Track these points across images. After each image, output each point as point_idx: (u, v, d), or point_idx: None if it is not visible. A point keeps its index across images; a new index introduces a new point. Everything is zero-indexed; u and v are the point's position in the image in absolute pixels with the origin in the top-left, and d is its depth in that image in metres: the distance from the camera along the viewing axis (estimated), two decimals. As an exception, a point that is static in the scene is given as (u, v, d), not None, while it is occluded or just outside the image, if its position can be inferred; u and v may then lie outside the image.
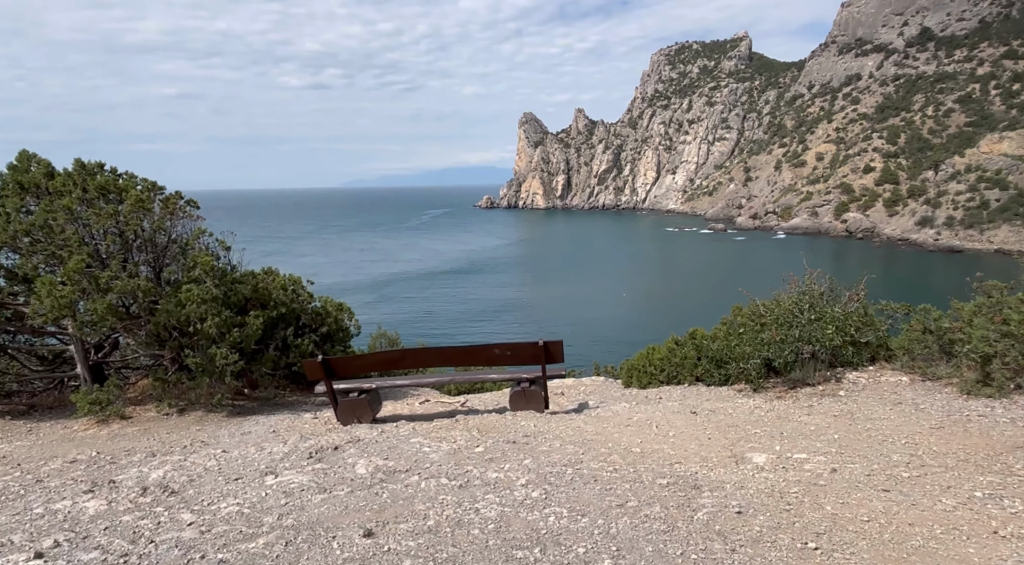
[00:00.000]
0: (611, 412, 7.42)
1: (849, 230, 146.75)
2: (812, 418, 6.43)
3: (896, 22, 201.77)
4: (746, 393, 8.01)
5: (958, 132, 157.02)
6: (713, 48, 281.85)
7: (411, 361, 7.62)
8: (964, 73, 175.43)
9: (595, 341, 60.60)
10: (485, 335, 63.08)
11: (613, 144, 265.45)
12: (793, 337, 7.73)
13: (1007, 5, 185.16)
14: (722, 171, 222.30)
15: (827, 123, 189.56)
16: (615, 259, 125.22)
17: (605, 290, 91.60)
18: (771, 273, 59.49)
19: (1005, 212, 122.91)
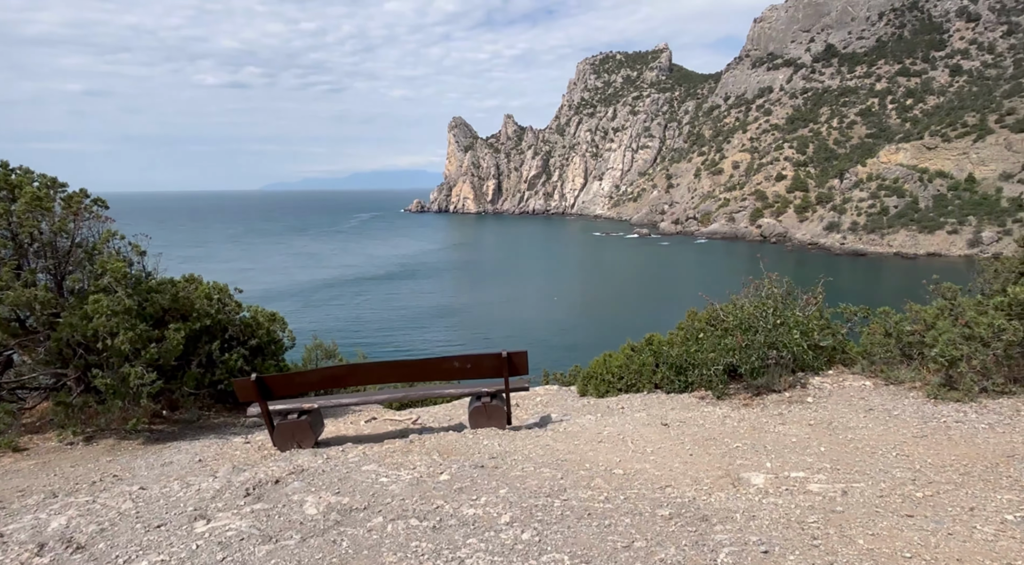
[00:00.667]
0: (578, 426, 7.01)
1: (764, 235, 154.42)
2: (788, 428, 6.22)
3: (803, 38, 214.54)
4: (709, 401, 7.78)
5: (860, 143, 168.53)
6: (635, 59, 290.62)
7: (360, 377, 6.85)
8: (864, 88, 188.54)
9: (530, 345, 60.41)
10: (422, 342, 61.83)
11: (542, 150, 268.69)
12: (759, 342, 7.53)
13: (900, 26, 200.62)
14: (646, 178, 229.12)
15: (742, 133, 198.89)
16: (546, 263, 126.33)
17: (537, 294, 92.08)
18: (695, 277, 62.41)
19: (902, 218, 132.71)
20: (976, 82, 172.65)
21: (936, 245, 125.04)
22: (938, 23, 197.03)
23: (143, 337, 7.56)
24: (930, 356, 6.72)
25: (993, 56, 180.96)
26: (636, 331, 51.27)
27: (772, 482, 4.59)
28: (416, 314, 77.27)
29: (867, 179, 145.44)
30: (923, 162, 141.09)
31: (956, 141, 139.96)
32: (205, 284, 9.26)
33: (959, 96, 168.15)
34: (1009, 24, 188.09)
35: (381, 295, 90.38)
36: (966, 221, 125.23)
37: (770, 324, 7.66)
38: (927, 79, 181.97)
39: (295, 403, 6.88)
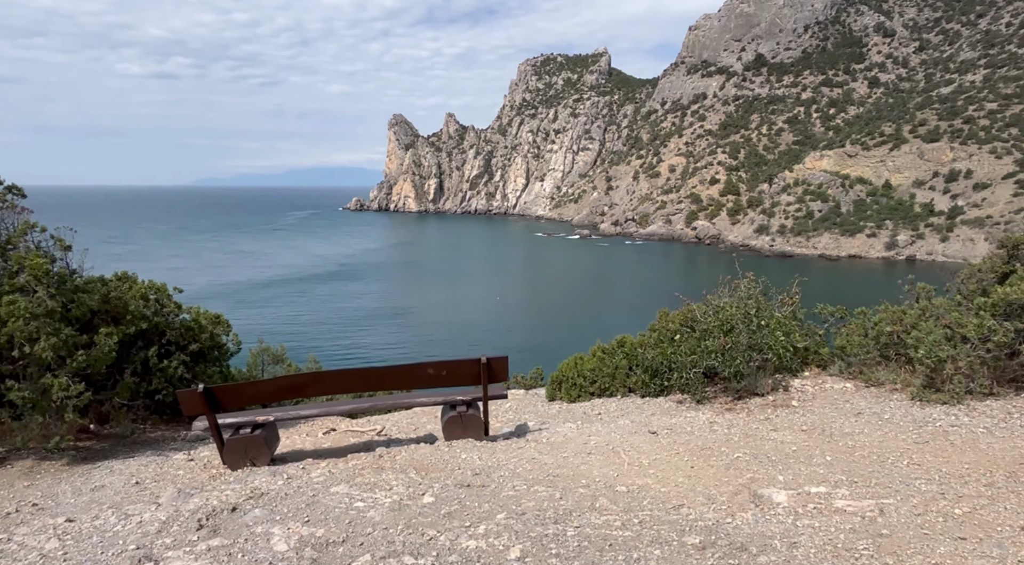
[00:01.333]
0: (560, 436, 6.60)
1: (698, 236, 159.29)
2: (783, 435, 6.01)
3: (735, 47, 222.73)
4: (689, 405, 7.53)
5: (787, 149, 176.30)
6: (576, 62, 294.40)
7: (324, 386, 6.24)
8: (791, 97, 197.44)
9: (475, 345, 60.01)
10: (370, 345, 60.21)
11: (484, 150, 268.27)
12: (742, 344, 7.33)
13: (824, 39, 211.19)
14: (586, 179, 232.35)
15: (678, 137, 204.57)
16: (490, 264, 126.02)
17: (481, 295, 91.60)
18: (634, 277, 62.88)
19: (826, 222, 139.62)
20: (892, 94, 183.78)
21: (857, 247, 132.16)
22: (858, 37, 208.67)
23: (69, 343, 6.64)
24: (916, 357, 6.68)
25: (907, 70, 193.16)
26: (581, 331, 52.32)
27: (795, 499, 4.24)
28: (360, 315, 75.40)
29: (794, 184, 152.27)
30: (845, 169, 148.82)
31: (874, 149, 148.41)
32: (140, 283, 8.30)
33: (877, 107, 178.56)
34: (921, 41, 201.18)
35: (323, 295, 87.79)
36: (883, 225, 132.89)
37: (753, 325, 7.48)
38: (848, 90, 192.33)
39: (248, 416, 6.22)
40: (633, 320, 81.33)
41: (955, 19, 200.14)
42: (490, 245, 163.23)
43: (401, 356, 55.17)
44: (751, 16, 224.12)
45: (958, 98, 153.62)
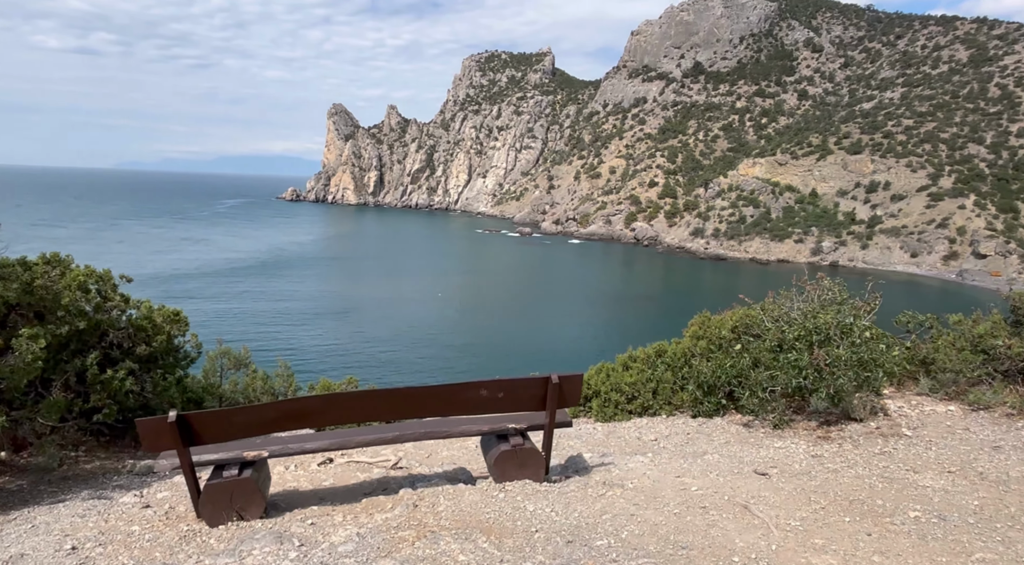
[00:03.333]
0: (641, 476, 5.46)
1: (637, 238, 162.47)
2: (931, 478, 5.11)
3: (675, 54, 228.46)
4: (766, 432, 6.54)
5: (722, 156, 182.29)
6: (520, 60, 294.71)
7: (340, 412, 4.87)
8: (727, 105, 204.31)
9: (418, 343, 58.50)
10: (314, 342, 57.69)
11: (426, 144, 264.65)
12: (847, 359, 6.20)
13: (758, 51, 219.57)
14: (528, 178, 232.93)
15: (619, 140, 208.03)
16: (431, 259, 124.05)
17: (422, 290, 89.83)
18: (576, 276, 62.06)
19: (757, 226, 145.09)
20: (819, 107, 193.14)
21: (785, 252, 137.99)
22: (789, 51, 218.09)
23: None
24: None
25: (833, 85, 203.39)
26: (526, 329, 50.92)
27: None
28: (297, 311, 72.38)
29: (728, 189, 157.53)
30: (775, 176, 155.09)
31: (803, 159, 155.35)
32: (77, 269, 6.67)
33: (805, 118, 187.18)
34: (846, 57, 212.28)
35: (255, 289, 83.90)
36: (810, 231, 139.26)
37: (855, 336, 6.42)
38: (779, 101, 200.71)
39: (233, 450, 4.81)
40: (583, 320, 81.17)
41: (876, 39, 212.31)
42: (432, 240, 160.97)
43: (346, 357, 53.02)
44: (690, 25, 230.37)
45: (878, 113, 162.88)
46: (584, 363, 42.11)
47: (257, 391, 10.57)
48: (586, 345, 62.42)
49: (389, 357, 53.37)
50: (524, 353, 55.10)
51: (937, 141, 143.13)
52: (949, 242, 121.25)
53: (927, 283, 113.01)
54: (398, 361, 52.06)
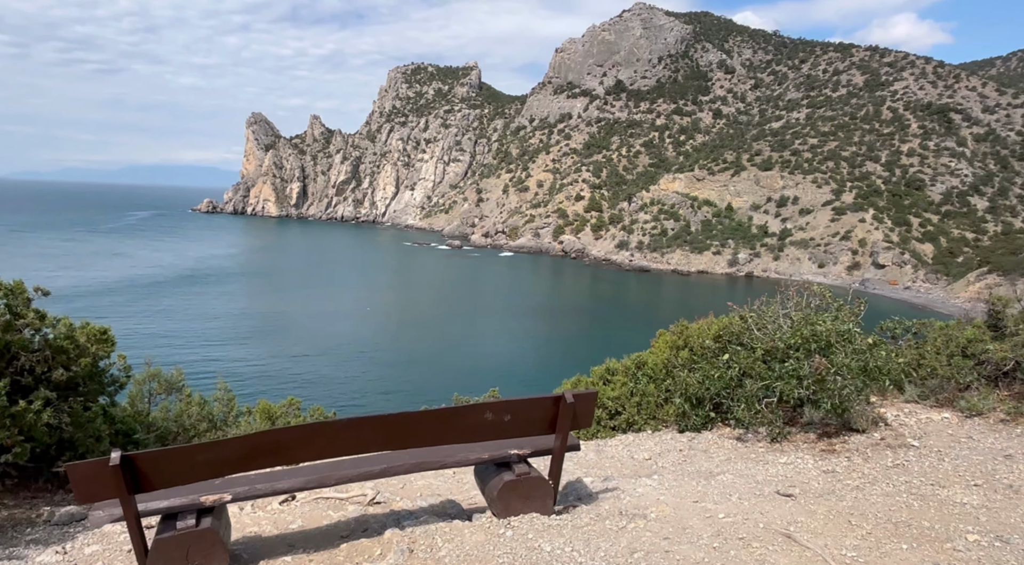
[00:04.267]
0: (659, 504, 4.93)
1: (565, 250, 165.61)
2: (960, 493, 4.88)
3: (597, 72, 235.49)
4: (765, 446, 6.24)
5: (644, 171, 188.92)
6: (447, 73, 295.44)
7: (324, 445, 4.18)
8: (647, 122, 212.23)
9: (349, 360, 57.29)
10: (246, 360, 55.11)
11: (352, 155, 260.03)
12: (850, 368, 5.97)
13: (675, 70, 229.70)
14: (457, 191, 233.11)
15: (545, 154, 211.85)
16: (359, 273, 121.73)
17: (351, 305, 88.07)
18: (507, 288, 62.50)
19: (678, 239, 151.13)
20: (732, 125, 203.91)
21: (704, 264, 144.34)
22: (704, 72, 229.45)
23: None
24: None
25: (744, 104, 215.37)
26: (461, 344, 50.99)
27: None
28: (218, 328, 69.19)
29: (650, 203, 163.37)
30: (694, 191, 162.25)
31: (719, 175, 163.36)
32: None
33: (720, 136, 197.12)
34: (756, 79, 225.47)
35: (169, 306, 79.56)
36: (727, 244, 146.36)
37: (857, 344, 6.19)
38: (696, 119, 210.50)
39: (187, 495, 4.08)
40: (520, 333, 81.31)
41: (783, 62, 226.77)
42: (360, 253, 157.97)
43: (278, 376, 51.15)
44: (612, 44, 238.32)
45: (786, 132, 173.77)
46: (527, 377, 42.93)
47: (193, 418, 9.71)
48: (526, 359, 62.91)
49: (322, 375, 52.02)
50: (463, 369, 54.96)
51: (839, 159, 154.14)
52: (852, 253, 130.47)
53: (834, 292, 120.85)
54: (332, 379, 50.83)
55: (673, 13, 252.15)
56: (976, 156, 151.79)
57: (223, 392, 10.45)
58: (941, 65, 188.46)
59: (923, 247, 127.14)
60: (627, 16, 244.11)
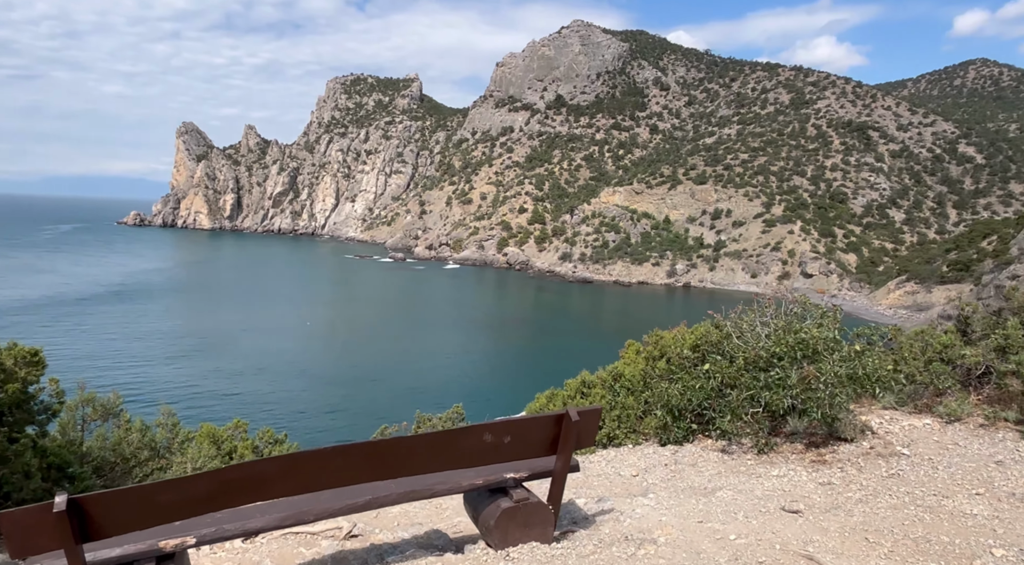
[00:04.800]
0: (661, 526, 4.70)
1: (509, 262, 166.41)
2: (970, 504, 4.81)
3: (538, 87, 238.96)
4: (752, 457, 6.10)
5: (585, 184, 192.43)
6: (387, 85, 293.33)
7: (306, 477, 3.74)
8: (587, 137, 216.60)
9: (289, 378, 55.48)
10: (183, 380, 52.52)
11: (289, 166, 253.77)
12: (839, 376, 5.85)
13: (613, 87, 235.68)
14: (399, 203, 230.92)
15: (488, 167, 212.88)
16: (299, 286, 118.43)
17: (291, 320, 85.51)
18: (453, 300, 62.16)
19: (619, 251, 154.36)
20: (668, 140, 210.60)
21: (644, 274, 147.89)
22: (640, 88, 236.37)
23: None
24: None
25: (679, 121, 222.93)
26: (409, 357, 50.17)
27: None
28: (168, 342, 66.10)
29: (592, 216, 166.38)
30: (633, 204, 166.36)
31: (656, 188, 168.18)
32: None
33: (657, 151, 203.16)
34: (689, 96, 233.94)
35: (109, 324, 75.30)
36: (665, 255, 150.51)
37: (844, 351, 6.12)
38: (633, 134, 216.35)
39: (145, 541, 3.55)
40: (468, 345, 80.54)
41: (714, 81, 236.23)
42: (299, 267, 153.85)
43: (218, 397, 48.98)
44: (551, 59, 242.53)
45: (719, 148, 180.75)
46: (482, 392, 42.47)
47: (133, 445, 9.08)
48: (480, 373, 62.45)
49: (264, 394, 50.17)
50: (415, 385, 54.09)
51: (768, 173, 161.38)
52: (782, 263, 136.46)
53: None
54: (275, 398, 49.07)
55: (610, 31, 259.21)
56: (893, 171, 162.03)
57: (167, 416, 9.72)
58: (859, 85, 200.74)
59: (847, 257, 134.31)
60: (566, 33, 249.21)
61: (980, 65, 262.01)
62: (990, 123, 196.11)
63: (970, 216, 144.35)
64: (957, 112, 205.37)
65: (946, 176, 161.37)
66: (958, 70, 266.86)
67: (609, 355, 9.85)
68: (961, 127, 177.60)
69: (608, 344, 65.44)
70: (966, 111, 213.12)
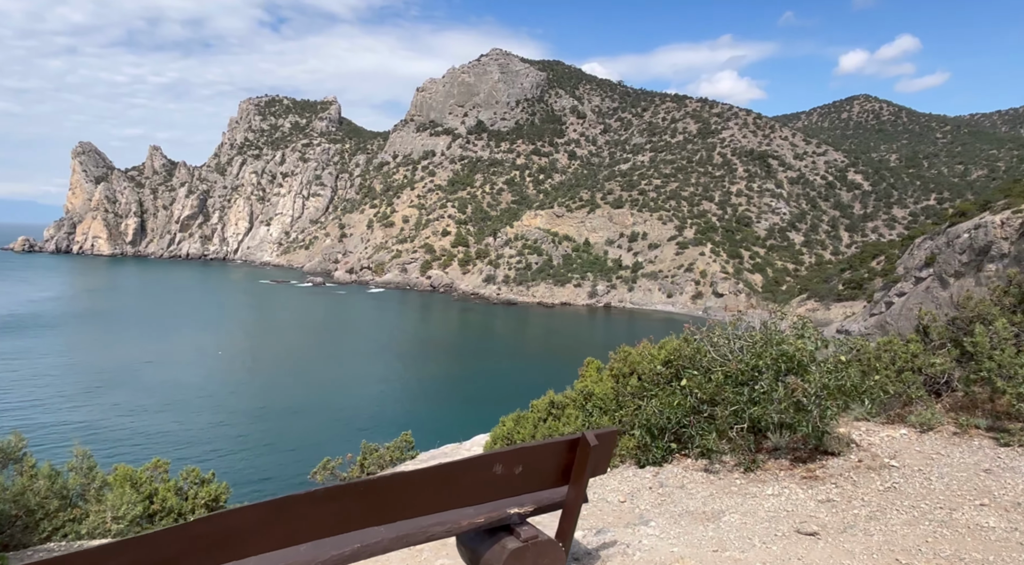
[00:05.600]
0: (677, 559, 4.40)
1: (433, 285, 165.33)
2: (992, 518, 4.73)
3: (459, 112, 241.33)
4: (736, 476, 5.92)
5: (508, 207, 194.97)
6: (304, 107, 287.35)
7: (293, 528, 3.20)
8: (508, 161, 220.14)
9: (200, 411, 52.36)
10: (85, 418, 47.97)
11: (199, 188, 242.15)
12: (829, 388, 5.73)
13: (532, 114, 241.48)
14: (318, 226, 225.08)
15: (410, 190, 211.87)
16: (209, 314, 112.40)
17: (201, 349, 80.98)
18: (376, 324, 61.36)
19: (541, 273, 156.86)
20: (586, 166, 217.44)
21: (566, 296, 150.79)
22: (558, 116, 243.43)
23: None
24: (1005, 390, 5.96)
25: (596, 147, 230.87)
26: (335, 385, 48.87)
27: None
28: (62, 382, 60.41)
29: (514, 239, 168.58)
30: (554, 227, 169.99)
31: (576, 212, 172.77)
32: None
33: (576, 176, 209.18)
34: (605, 124, 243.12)
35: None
36: (586, 277, 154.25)
37: (830, 364, 5.98)
38: (553, 160, 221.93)
39: None
40: (392, 370, 78.59)
41: (628, 110, 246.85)
42: (210, 293, 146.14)
43: (125, 434, 45.46)
44: (472, 86, 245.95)
45: (634, 174, 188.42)
46: (413, 417, 41.36)
47: (40, 494, 7.84)
48: (410, 397, 61.13)
49: (179, 431, 47.00)
50: (344, 412, 52.38)
51: (680, 198, 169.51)
52: (695, 283, 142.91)
53: (681, 319, 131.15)
54: (191, 436, 46.09)
55: (528, 60, 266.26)
56: (791, 197, 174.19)
57: (81, 459, 8.54)
58: (759, 117, 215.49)
59: (754, 277, 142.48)
60: (485, 61, 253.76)
61: (863, 100, 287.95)
62: (874, 153, 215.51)
63: (860, 238, 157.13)
64: (845, 143, 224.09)
65: (838, 201, 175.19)
66: (845, 104, 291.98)
67: (546, 375, 9.63)
68: (849, 156, 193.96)
69: (544, 364, 66.49)
70: (853, 142, 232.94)
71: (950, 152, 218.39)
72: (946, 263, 72.57)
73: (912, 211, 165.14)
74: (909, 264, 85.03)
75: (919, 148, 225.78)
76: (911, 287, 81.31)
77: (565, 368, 11.96)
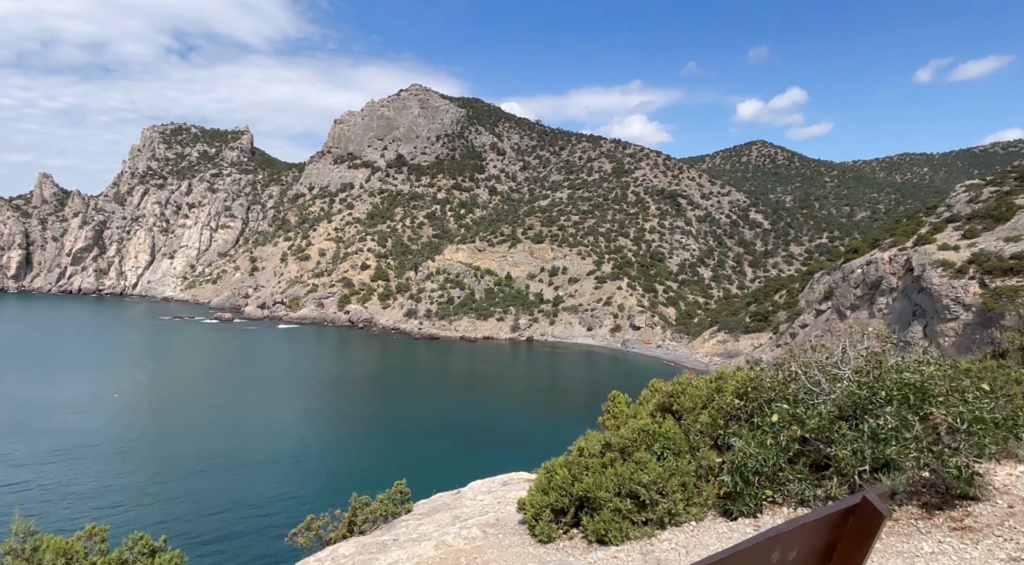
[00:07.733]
0: None
1: (351, 320, 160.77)
2: None
3: (378, 145, 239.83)
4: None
5: (429, 241, 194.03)
6: (214, 136, 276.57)
7: None
8: (429, 196, 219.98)
9: (98, 459, 47.73)
10: None
11: (94, 219, 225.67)
12: (984, 422, 4.88)
13: (453, 149, 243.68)
14: (227, 259, 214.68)
15: (327, 223, 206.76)
16: (103, 353, 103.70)
17: (94, 392, 74.37)
18: (286, 362, 59.66)
19: (464, 307, 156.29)
20: (506, 201, 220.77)
21: (489, 330, 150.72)
22: (479, 152, 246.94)
23: None
24: None
25: (516, 184, 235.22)
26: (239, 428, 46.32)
27: None
28: None
29: (436, 273, 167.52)
30: (476, 261, 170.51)
31: (497, 246, 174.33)
32: None
33: (496, 211, 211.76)
34: (524, 162, 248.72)
35: None
36: (508, 310, 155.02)
37: (968, 392, 5.20)
38: (474, 195, 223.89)
39: None
40: (321, 407, 75.51)
41: (546, 148, 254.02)
42: (104, 331, 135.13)
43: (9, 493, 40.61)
44: (391, 120, 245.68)
45: (553, 210, 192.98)
46: (337, 468, 39.29)
47: None
48: (331, 442, 58.30)
49: (69, 485, 42.50)
50: (264, 461, 49.16)
51: (597, 234, 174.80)
52: (613, 317, 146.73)
53: (601, 352, 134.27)
54: (79, 489, 41.74)
55: (447, 97, 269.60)
56: (700, 234, 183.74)
57: (21, 529, 7.35)
58: (669, 158, 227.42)
59: (667, 310, 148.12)
60: (405, 95, 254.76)
61: (760, 145, 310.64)
62: (771, 195, 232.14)
63: (763, 273, 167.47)
64: (746, 184, 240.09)
65: (742, 239, 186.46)
66: (744, 149, 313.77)
67: (484, 410, 8.82)
68: (751, 197, 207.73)
69: (485, 399, 65.18)
70: (753, 183, 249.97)
71: (837, 195, 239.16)
72: (843, 296, 78.62)
73: (808, 248, 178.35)
74: (810, 297, 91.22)
75: (811, 191, 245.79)
76: (812, 319, 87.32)
77: (502, 403, 11.40)
